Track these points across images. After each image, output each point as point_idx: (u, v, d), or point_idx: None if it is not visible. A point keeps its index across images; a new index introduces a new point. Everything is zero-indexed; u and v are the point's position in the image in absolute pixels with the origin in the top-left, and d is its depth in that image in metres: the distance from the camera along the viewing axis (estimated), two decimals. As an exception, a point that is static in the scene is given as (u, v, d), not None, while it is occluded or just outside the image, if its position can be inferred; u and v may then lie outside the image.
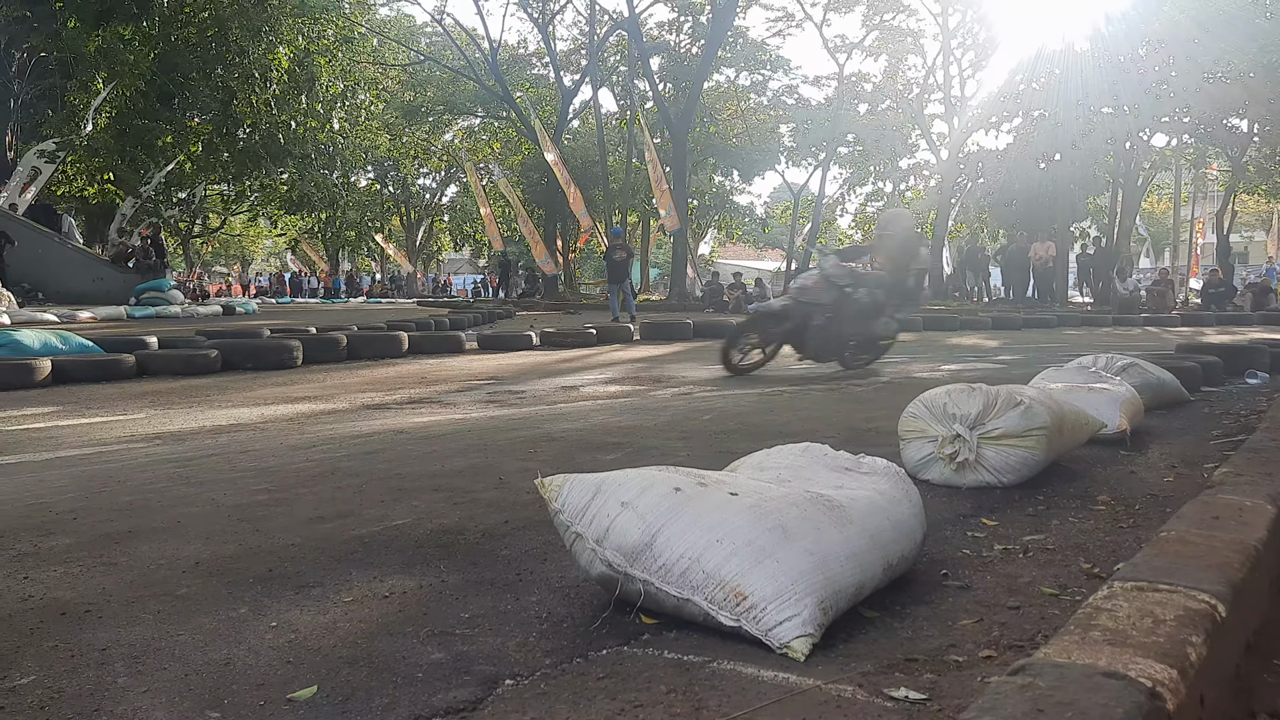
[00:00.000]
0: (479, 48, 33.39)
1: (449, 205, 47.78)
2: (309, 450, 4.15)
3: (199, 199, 32.65)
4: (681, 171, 26.73)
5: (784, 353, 7.91)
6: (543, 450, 3.91)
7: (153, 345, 9.25)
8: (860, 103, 35.69)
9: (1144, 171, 27.69)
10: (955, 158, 30.50)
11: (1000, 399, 3.07)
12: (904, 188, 38.96)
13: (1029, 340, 13.30)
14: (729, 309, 22.56)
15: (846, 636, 1.79)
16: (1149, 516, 2.72)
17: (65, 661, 1.72)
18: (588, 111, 37.19)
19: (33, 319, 13.17)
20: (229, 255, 62.05)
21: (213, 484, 3.34)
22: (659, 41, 32.55)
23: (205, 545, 2.48)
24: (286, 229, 44.15)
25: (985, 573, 2.22)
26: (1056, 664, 1.27)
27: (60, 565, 2.33)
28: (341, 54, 26.18)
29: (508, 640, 1.81)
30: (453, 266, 64.38)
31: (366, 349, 9.98)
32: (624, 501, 1.89)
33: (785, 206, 44.01)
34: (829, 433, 4.17)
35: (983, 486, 3.03)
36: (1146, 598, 1.55)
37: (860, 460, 2.36)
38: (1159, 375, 4.97)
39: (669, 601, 1.81)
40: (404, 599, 2.05)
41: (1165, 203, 43.04)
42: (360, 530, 2.61)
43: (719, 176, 38.67)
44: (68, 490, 3.33)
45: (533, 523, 2.61)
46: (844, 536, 1.88)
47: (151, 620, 1.93)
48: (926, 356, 10.10)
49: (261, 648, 1.78)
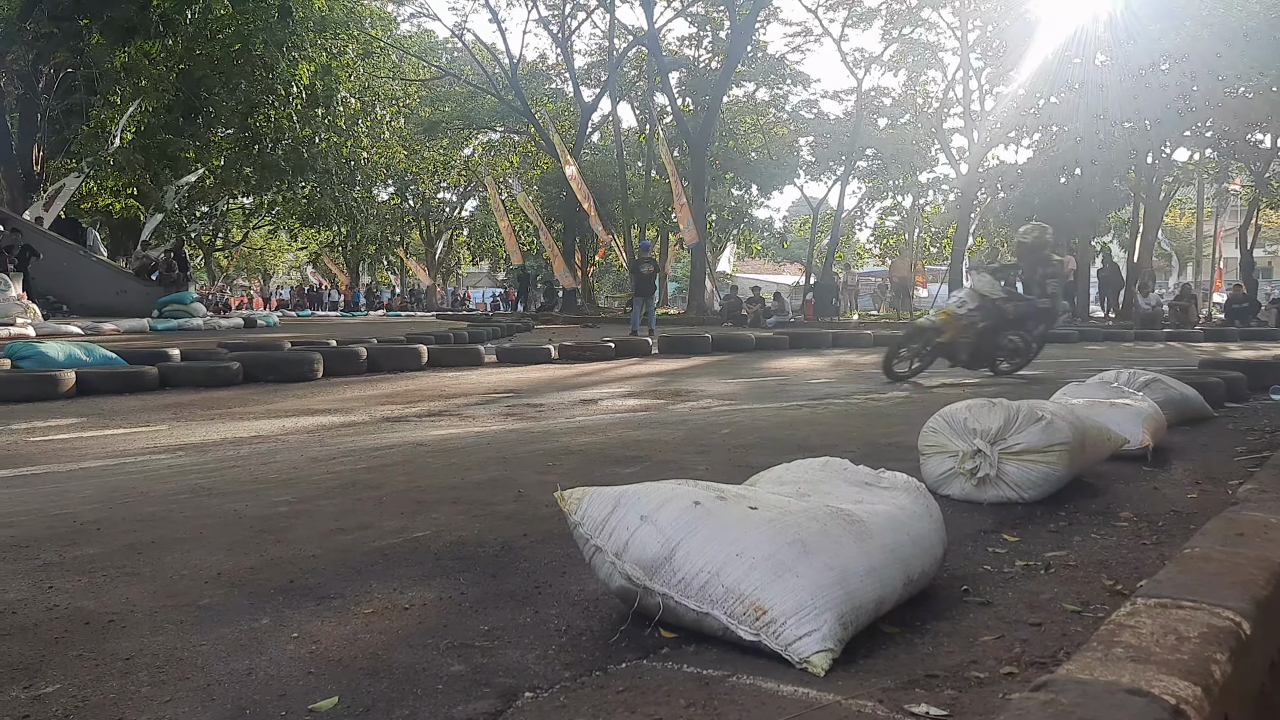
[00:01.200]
0: (499, 63, 33.61)
1: (468, 220, 48.05)
2: (329, 462, 4.17)
3: (221, 213, 32.94)
4: (700, 185, 26.76)
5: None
6: (561, 463, 3.91)
7: (175, 358, 9.33)
8: (879, 117, 35.69)
9: (1166, 186, 27.52)
10: (975, 172, 30.42)
11: (1021, 414, 3.05)
12: (923, 202, 38.90)
13: (1049, 355, 13.21)
14: (747, 323, 22.55)
15: (867, 652, 1.79)
16: (1172, 533, 2.70)
17: (90, 671, 1.74)
18: (607, 125, 37.35)
19: (57, 331, 13.30)
20: (250, 269, 62.57)
21: (234, 495, 3.36)
22: (678, 56, 32.68)
23: (227, 556, 2.50)
24: (307, 243, 44.48)
25: (1007, 589, 2.21)
26: (1079, 681, 1.26)
27: (85, 575, 2.35)
28: (361, 69, 26.39)
29: (527, 653, 1.81)
30: (472, 280, 64.63)
31: (386, 362, 10.04)
32: (643, 515, 1.90)
33: (804, 220, 43.98)
34: (848, 447, 4.15)
35: (1004, 502, 3.01)
36: (1170, 615, 1.54)
37: (880, 475, 2.35)
38: (1182, 391, 4.93)
39: (688, 615, 1.81)
40: (424, 611, 2.06)
41: (1188, 217, 42.78)
42: (380, 542, 2.62)
43: (738, 190, 38.70)
44: (92, 501, 3.36)
45: (552, 536, 2.61)
46: (864, 551, 1.88)
47: (174, 630, 1.95)
48: (946, 371, 10.06)
49: (283, 658, 1.79)
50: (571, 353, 12.04)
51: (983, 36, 30.50)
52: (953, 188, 34.73)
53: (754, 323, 22.57)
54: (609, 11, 32.01)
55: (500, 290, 51.57)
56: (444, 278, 54.35)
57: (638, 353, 12.86)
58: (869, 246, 46.89)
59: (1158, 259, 35.53)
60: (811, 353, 13.99)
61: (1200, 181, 31.22)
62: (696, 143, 26.33)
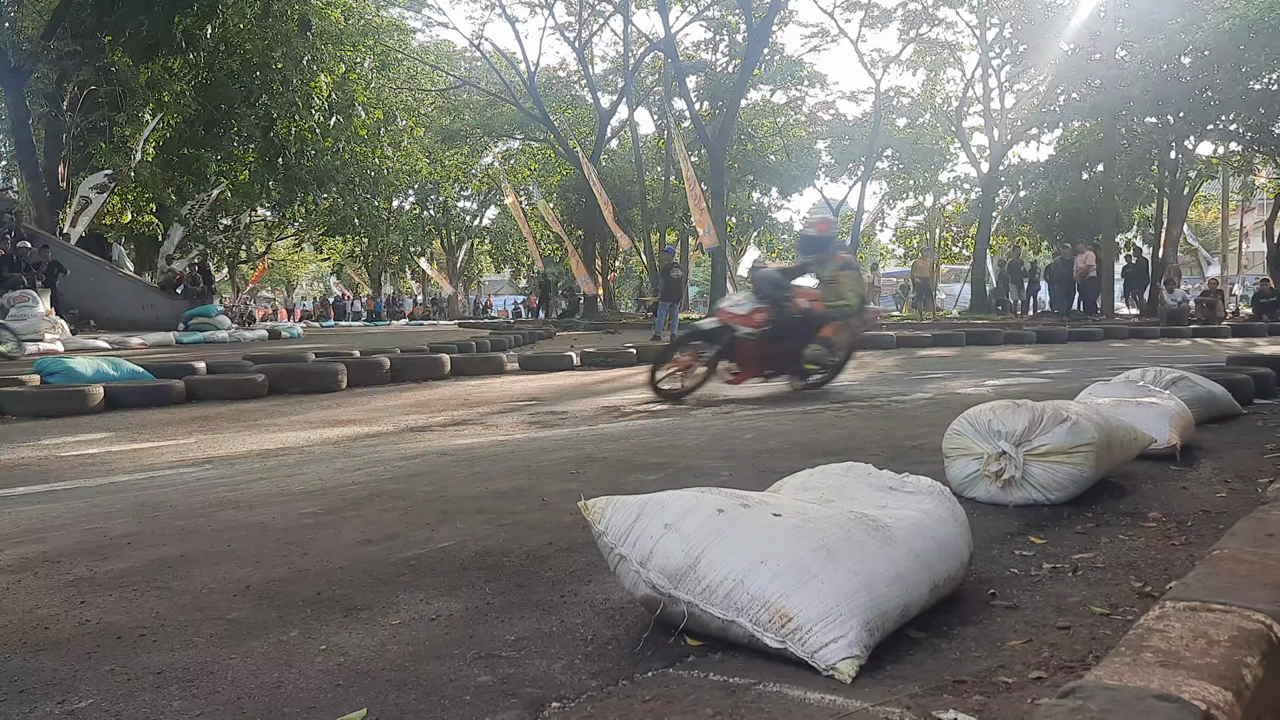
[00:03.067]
0: (516, 71, 33.76)
1: (489, 228, 48.24)
2: (355, 473, 4.20)
3: (245, 225, 33.23)
4: (719, 189, 26.71)
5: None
6: (585, 471, 3.92)
7: (201, 370, 9.42)
8: (898, 116, 35.58)
9: (1190, 181, 27.26)
10: (996, 170, 30.26)
11: (1046, 415, 3.03)
12: (944, 201, 38.72)
13: (1074, 354, 13.12)
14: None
15: (894, 658, 1.78)
16: (1201, 533, 2.67)
17: (122, 685, 1.76)
18: (625, 131, 37.41)
19: (85, 346, 13.46)
20: (274, 280, 63.07)
21: (262, 507, 3.39)
22: (695, 61, 32.67)
23: (255, 569, 2.52)
24: (330, 253, 44.79)
25: (1034, 592, 2.19)
26: (1108, 686, 1.25)
27: (115, 590, 2.38)
28: (380, 80, 26.57)
29: (554, 662, 1.82)
30: (493, 288, 64.92)
31: (410, 371, 10.09)
32: (667, 523, 1.90)
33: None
34: (872, 451, 4.14)
35: (1030, 504, 2.99)
36: (1200, 618, 1.52)
37: (905, 479, 2.34)
38: (1209, 388, 4.88)
39: (713, 623, 1.81)
40: (450, 621, 2.07)
41: (1213, 212, 42.36)
42: (406, 553, 2.63)
43: (757, 193, 38.65)
44: (121, 515, 3.39)
45: (576, 544, 2.62)
46: (889, 557, 1.87)
47: (204, 644, 1.97)
48: (970, 372, 10.01)
49: (312, 670, 1.80)
50: (594, 359, 12.06)
51: (1001, 34, 30.37)
52: (973, 186, 34.56)
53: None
54: (625, 17, 32.07)
55: (522, 297, 51.79)
56: (465, 286, 54.58)
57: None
58: (891, 247, 46.75)
59: (1184, 254, 35.21)
60: (834, 355, 13.89)
61: (1225, 176, 30.90)
62: (715, 146, 26.29)
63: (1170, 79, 22.09)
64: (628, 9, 31.79)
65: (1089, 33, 25.11)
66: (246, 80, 22.37)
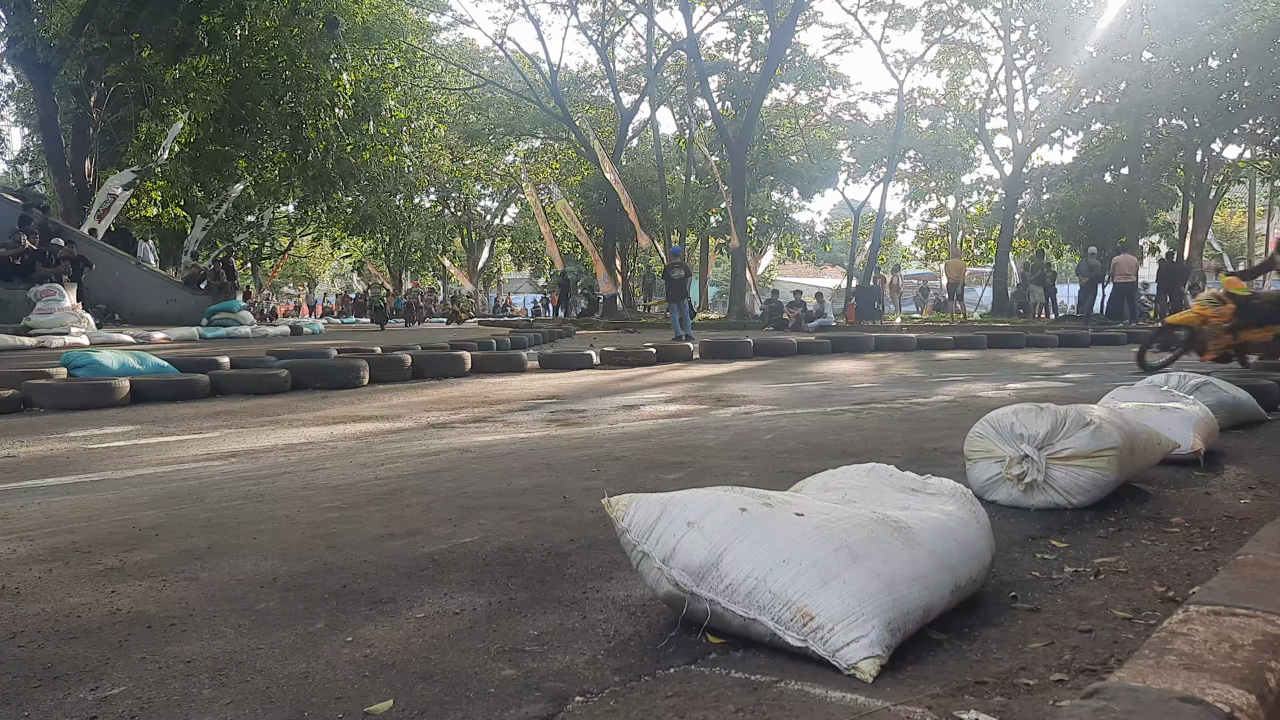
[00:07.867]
0: (539, 71, 33.85)
1: (510, 226, 48.38)
2: (378, 468, 4.24)
3: (268, 222, 33.45)
4: (740, 189, 26.70)
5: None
6: (606, 469, 3.94)
7: (225, 365, 9.49)
8: (921, 118, 35.43)
9: (1215, 185, 27.01)
10: (1019, 173, 30.08)
11: (1069, 418, 3.02)
12: (968, 203, 38.53)
13: (1097, 358, 13.04)
14: (789, 327, 22.45)
15: (915, 658, 1.79)
16: (1225, 539, 2.66)
17: (153, 673, 1.79)
18: (646, 131, 37.44)
19: (110, 340, 13.59)
20: (296, 276, 63.47)
21: (287, 501, 3.43)
22: (718, 61, 32.67)
23: (281, 561, 2.56)
24: (351, 250, 45.03)
25: (1055, 595, 2.19)
26: (1131, 688, 1.26)
27: (145, 579, 2.41)
28: (404, 78, 26.69)
29: (576, 658, 1.83)
30: (513, 286, 65.07)
31: (430, 368, 10.14)
32: (690, 521, 1.91)
33: (846, 224, 43.75)
34: (894, 452, 4.14)
35: (1052, 508, 2.99)
36: (1224, 622, 1.52)
37: (927, 481, 2.35)
38: (1234, 394, 4.85)
39: (735, 621, 1.83)
40: (474, 615, 2.09)
41: (1239, 216, 41.97)
42: (430, 547, 2.66)
43: (778, 194, 38.58)
44: (149, 507, 3.44)
45: (597, 541, 2.64)
46: (911, 558, 1.88)
47: (233, 634, 2.00)
48: (991, 375, 9.97)
49: (338, 662, 1.83)
50: (613, 358, 12.08)
51: (1026, 36, 30.19)
52: (996, 188, 34.37)
53: (795, 327, 22.47)
54: (649, 17, 32.11)
55: (542, 296, 51.87)
56: (486, 284, 54.74)
57: (679, 357, 12.87)
58: (913, 249, 46.54)
59: (1209, 259, 34.87)
60: (854, 357, 13.90)
61: (1252, 179, 30.61)
62: (736, 146, 26.26)
63: (1197, 81, 21.90)
64: (651, 9, 31.84)
65: (1115, 34, 24.93)
66: (273, 79, 22.52)
